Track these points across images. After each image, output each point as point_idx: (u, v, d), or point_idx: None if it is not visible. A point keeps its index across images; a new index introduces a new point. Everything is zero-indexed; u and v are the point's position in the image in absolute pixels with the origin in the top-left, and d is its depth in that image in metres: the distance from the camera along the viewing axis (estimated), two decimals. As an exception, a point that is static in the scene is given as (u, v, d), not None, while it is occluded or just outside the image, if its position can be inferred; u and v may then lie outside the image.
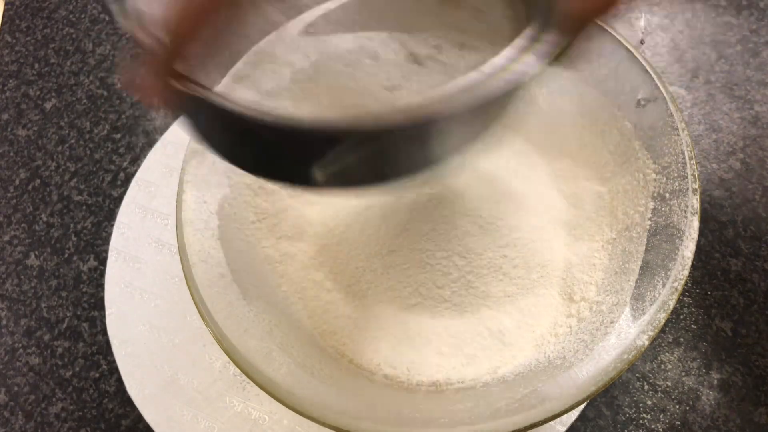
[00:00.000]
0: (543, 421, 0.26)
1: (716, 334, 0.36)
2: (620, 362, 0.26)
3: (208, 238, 0.32)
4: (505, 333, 0.32)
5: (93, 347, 0.39)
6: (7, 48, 0.52)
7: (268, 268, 0.33)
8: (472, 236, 0.33)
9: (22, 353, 0.40)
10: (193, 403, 0.36)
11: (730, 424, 0.33)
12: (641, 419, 0.34)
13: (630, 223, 0.31)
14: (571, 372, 0.27)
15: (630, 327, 0.27)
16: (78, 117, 0.47)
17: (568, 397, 0.26)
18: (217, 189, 0.33)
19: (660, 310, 0.27)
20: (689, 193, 0.28)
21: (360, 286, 0.33)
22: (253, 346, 0.29)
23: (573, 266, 0.33)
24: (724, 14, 0.46)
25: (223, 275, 0.31)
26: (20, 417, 0.38)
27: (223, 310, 0.30)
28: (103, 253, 0.42)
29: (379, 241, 0.34)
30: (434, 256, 0.33)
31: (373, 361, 0.32)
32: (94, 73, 0.49)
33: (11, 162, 0.47)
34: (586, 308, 0.31)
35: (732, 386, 0.34)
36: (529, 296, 0.33)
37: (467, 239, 0.33)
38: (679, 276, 0.27)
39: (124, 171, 0.45)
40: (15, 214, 0.45)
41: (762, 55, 0.44)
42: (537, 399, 0.27)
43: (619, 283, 0.30)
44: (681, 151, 0.29)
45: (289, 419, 0.35)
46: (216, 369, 0.37)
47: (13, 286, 0.42)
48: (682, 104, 0.42)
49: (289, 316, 0.32)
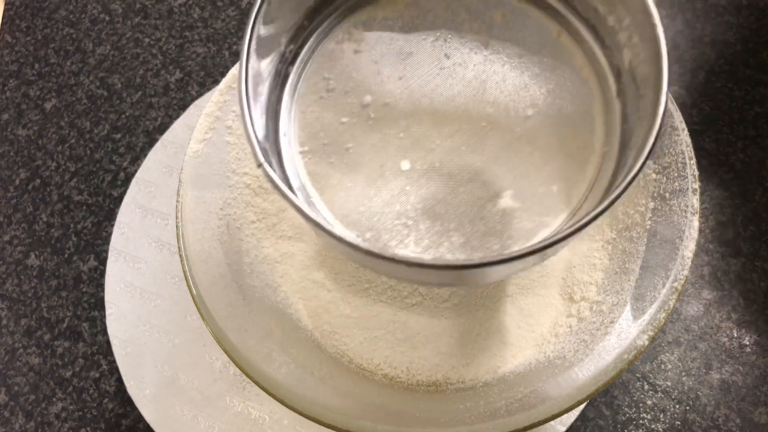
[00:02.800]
0: (543, 421, 0.26)
1: (716, 334, 0.36)
2: (620, 362, 0.26)
3: (208, 238, 0.32)
4: (505, 333, 0.32)
5: (93, 347, 0.39)
6: (7, 48, 0.52)
7: (268, 268, 0.33)
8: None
9: (22, 353, 0.40)
10: (193, 403, 0.36)
11: (730, 424, 0.34)
12: (641, 419, 0.34)
13: (630, 222, 0.31)
14: (571, 372, 0.27)
15: (630, 327, 0.27)
16: (78, 117, 0.47)
17: (568, 397, 0.26)
18: (217, 189, 0.33)
19: (660, 310, 0.27)
20: (689, 193, 0.28)
21: (360, 286, 0.33)
22: (253, 346, 0.29)
23: (573, 266, 0.33)
24: (724, 14, 0.46)
25: (223, 275, 0.31)
26: (20, 417, 0.38)
27: (223, 310, 0.30)
28: (103, 253, 0.42)
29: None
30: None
31: (373, 361, 0.32)
32: (94, 73, 0.49)
33: (11, 162, 0.47)
34: (586, 308, 0.31)
35: (732, 386, 0.34)
36: (529, 296, 0.33)
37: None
38: (679, 276, 0.27)
39: (124, 171, 0.45)
40: (15, 214, 0.45)
41: (762, 55, 0.44)
42: (537, 399, 0.27)
43: (620, 282, 0.30)
44: (681, 151, 0.29)
45: (289, 419, 0.35)
46: (216, 369, 0.37)
47: (13, 286, 0.42)
48: (682, 104, 0.42)
49: (289, 316, 0.32)
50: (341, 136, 0.29)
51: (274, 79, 0.28)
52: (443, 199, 0.29)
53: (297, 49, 0.29)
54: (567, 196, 0.27)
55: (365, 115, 0.30)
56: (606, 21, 0.27)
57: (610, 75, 0.27)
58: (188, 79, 0.47)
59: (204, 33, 0.49)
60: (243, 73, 0.25)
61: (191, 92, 0.47)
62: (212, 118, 0.33)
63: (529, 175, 0.28)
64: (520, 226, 0.27)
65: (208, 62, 0.48)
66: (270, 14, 0.26)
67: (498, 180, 0.28)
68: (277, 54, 0.28)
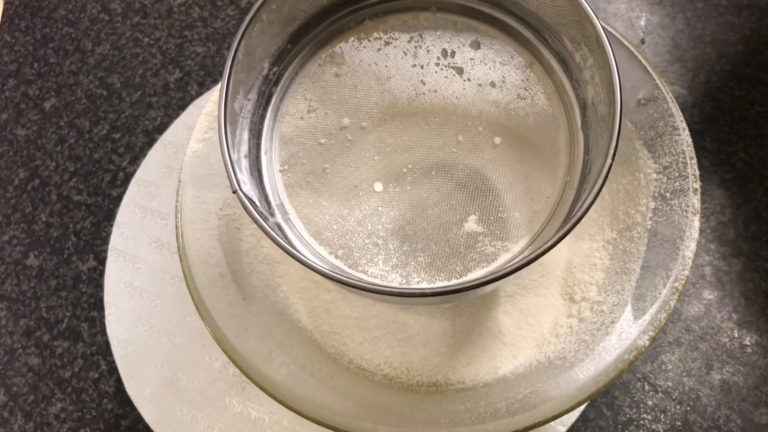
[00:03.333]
0: (543, 422, 0.26)
1: (717, 334, 0.36)
2: (621, 362, 0.26)
3: (208, 238, 0.31)
4: (505, 333, 0.32)
5: (92, 347, 0.39)
6: (6, 47, 0.52)
7: (268, 268, 0.33)
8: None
9: (21, 353, 0.40)
10: (193, 403, 0.36)
11: (730, 425, 0.33)
12: (642, 420, 0.34)
13: (631, 222, 0.31)
14: (572, 372, 0.27)
15: (631, 327, 0.27)
16: (77, 117, 0.47)
17: (569, 397, 0.26)
18: (217, 189, 0.33)
19: (661, 310, 0.27)
20: (690, 193, 0.28)
21: (360, 286, 0.33)
22: (253, 346, 0.29)
23: (574, 266, 0.33)
24: (725, 14, 0.45)
25: (223, 275, 0.31)
26: (19, 417, 0.38)
27: (223, 310, 0.29)
28: (103, 253, 0.42)
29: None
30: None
31: (373, 361, 0.32)
32: (93, 73, 0.49)
33: (10, 162, 0.47)
34: (586, 308, 0.31)
35: (732, 386, 0.34)
36: (529, 296, 0.32)
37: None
38: (679, 276, 0.27)
39: (123, 171, 0.45)
40: (14, 214, 0.45)
41: (762, 54, 0.44)
42: (537, 399, 0.27)
43: (620, 283, 0.30)
44: (682, 150, 0.29)
45: (289, 419, 0.35)
46: (216, 369, 0.37)
47: (13, 286, 0.42)
48: (683, 104, 0.42)
49: (289, 316, 0.32)
50: (319, 157, 0.31)
51: (258, 99, 0.30)
52: (412, 220, 0.30)
53: (280, 71, 0.30)
54: (529, 222, 0.29)
55: (343, 137, 0.31)
56: (573, 57, 0.28)
57: (576, 107, 0.28)
58: (188, 78, 0.47)
59: (203, 32, 0.49)
60: (222, 107, 0.26)
61: (191, 92, 0.47)
62: (212, 118, 0.33)
63: (494, 201, 0.29)
64: (482, 249, 0.29)
65: (208, 62, 0.48)
66: (252, 41, 0.27)
67: (464, 204, 0.30)
68: (261, 77, 0.29)
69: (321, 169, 0.31)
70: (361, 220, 0.30)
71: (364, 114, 0.31)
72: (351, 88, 0.31)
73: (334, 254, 0.29)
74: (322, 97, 0.31)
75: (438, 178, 0.31)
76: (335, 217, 0.30)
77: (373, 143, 0.31)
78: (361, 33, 0.31)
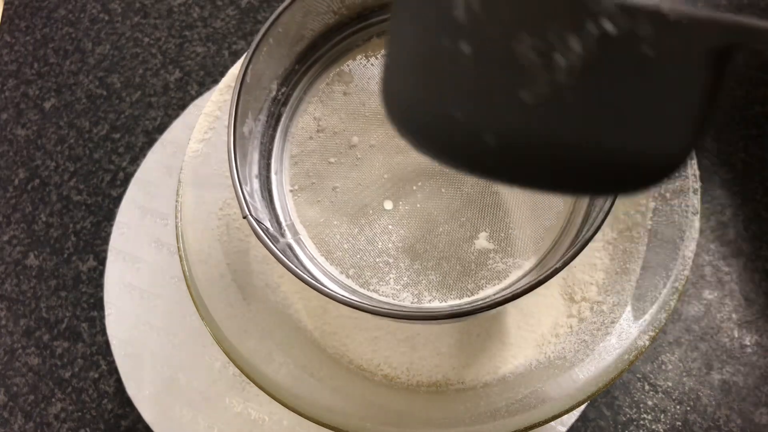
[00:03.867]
0: (543, 422, 0.26)
1: (717, 334, 0.36)
2: (621, 362, 0.26)
3: (208, 238, 0.31)
4: (506, 333, 0.32)
5: (92, 347, 0.39)
6: (6, 47, 0.52)
7: (267, 268, 0.33)
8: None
9: (21, 353, 0.40)
10: (193, 403, 0.36)
11: (731, 425, 0.33)
12: (642, 420, 0.34)
13: (631, 223, 0.31)
14: (572, 372, 0.27)
15: (631, 327, 0.27)
16: (77, 117, 0.47)
17: (569, 397, 0.26)
18: (217, 189, 0.33)
19: (661, 310, 0.27)
20: (690, 193, 0.28)
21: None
22: (253, 346, 0.29)
23: (574, 266, 0.32)
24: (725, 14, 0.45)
25: (223, 275, 0.31)
26: (19, 417, 0.38)
27: (223, 310, 0.29)
28: (103, 253, 0.42)
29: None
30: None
31: (373, 362, 0.32)
32: (93, 73, 0.49)
33: (10, 162, 0.47)
34: (586, 308, 0.31)
35: (732, 386, 0.34)
36: (529, 296, 0.32)
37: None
38: (680, 276, 0.27)
39: (123, 171, 0.45)
40: (14, 213, 0.45)
41: (762, 54, 0.44)
42: (537, 399, 0.27)
43: (620, 283, 0.30)
44: (682, 150, 0.29)
45: (289, 420, 0.35)
46: (216, 369, 0.37)
47: (13, 286, 0.42)
48: (683, 104, 0.42)
49: (289, 316, 0.32)
50: (329, 176, 0.31)
51: (267, 120, 0.30)
52: (423, 238, 0.30)
53: (289, 91, 0.30)
54: (540, 238, 0.29)
55: (352, 155, 0.31)
56: None
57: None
58: (188, 78, 0.47)
59: (203, 32, 0.49)
60: (231, 133, 0.26)
61: (191, 92, 0.47)
62: (212, 118, 0.33)
63: (504, 218, 0.29)
64: (493, 266, 0.29)
65: (208, 62, 0.48)
66: (260, 65, 0.27)
67: (474, 221, 0.30)
68: (269, 98, 0.29)
69: (331, 188, 0.31)
70: (372, 239, 0.30)
71: (373, 132, 0.31)
72: (359, 106, 0.31)
73: (345, 273, 0.29)
74: (330, 116, 0.31)
75: (448, 195, 0.30)
76: (346, 236, 0.30)
77: (383, 161, 0.31)
78: (368, 50, 0.31)
